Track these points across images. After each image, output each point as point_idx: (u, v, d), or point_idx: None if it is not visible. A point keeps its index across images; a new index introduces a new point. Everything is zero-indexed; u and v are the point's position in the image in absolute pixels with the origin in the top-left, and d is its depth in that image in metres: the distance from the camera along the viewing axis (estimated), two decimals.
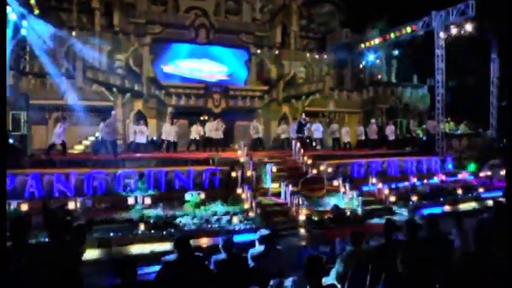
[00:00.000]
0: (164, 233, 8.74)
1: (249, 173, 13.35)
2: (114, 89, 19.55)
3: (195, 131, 18.60)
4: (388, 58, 23.83)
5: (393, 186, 13.85)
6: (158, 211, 9.77)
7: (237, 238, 9.06)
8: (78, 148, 19.75)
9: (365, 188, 13.75)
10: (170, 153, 17.36)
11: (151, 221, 9.04)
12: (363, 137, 20.86)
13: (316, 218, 10.82)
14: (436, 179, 15.46)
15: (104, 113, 17.68)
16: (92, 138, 19.47)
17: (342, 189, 12.68)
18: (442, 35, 18.07)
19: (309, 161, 14.75)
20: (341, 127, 20.95)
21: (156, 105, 20.60)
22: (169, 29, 23.10)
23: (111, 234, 8.51)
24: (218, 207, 10.41)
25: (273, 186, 12.83)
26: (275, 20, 26.35)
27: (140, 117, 19.62)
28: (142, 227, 8.81)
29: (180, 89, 21.33)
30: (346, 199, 12.20)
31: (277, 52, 25.77)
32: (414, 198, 12.53)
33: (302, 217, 10.85)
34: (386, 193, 12.80)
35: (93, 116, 18.97)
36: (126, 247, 8.38)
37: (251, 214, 9.97)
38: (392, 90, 25.32)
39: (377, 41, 22.63)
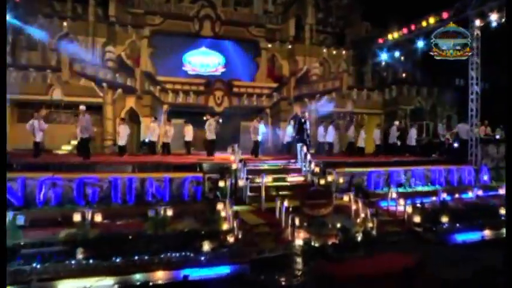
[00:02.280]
0: (105, 264, 6.57)
1: (240, 183, 11.12)
2: (104, 84, 17.58)
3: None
4: (413, 54, 21.08)
5: (418, 202, 11.23)
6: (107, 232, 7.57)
7: (204, 272, 6.89)
8: (65, 148, 18.00)
9: (383, 204, 11.30)
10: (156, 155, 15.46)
11: (94, 246, 6.85)
12: (379, 142, 18.30)
13: (316, 244, 8.47)
14: (470, 194, 12.76)
15: (94, 110, 16.04)
16: None
17: (354, 206, 10.23)
18: (477, 22, 15.38)
19: (317, 169, 12.41)
20: (359, 130, 18.46)
21: (151, 103, 18.52)
22: (171, 21, 21.23)
23: (34, 264, 6.38)
24: (189, 227, 8.09)
25: (268, 201, 10.48)
26: (289, 12, 24.11)
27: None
28: (80, 254, 6.65)
29: (177, 85, 19.30)
30: (358, 219, 9.77)
31: (290, 47, 23.58)
32: (444, 219, 9.90)
33: (299, 242, 8.54)
34: (409, 211, 10.27)
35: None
36: (52, 283, 6.24)
37: (230, 238, 7.65)
38: (418, 89, 22.84)
39: (401, 33, 19.88)
